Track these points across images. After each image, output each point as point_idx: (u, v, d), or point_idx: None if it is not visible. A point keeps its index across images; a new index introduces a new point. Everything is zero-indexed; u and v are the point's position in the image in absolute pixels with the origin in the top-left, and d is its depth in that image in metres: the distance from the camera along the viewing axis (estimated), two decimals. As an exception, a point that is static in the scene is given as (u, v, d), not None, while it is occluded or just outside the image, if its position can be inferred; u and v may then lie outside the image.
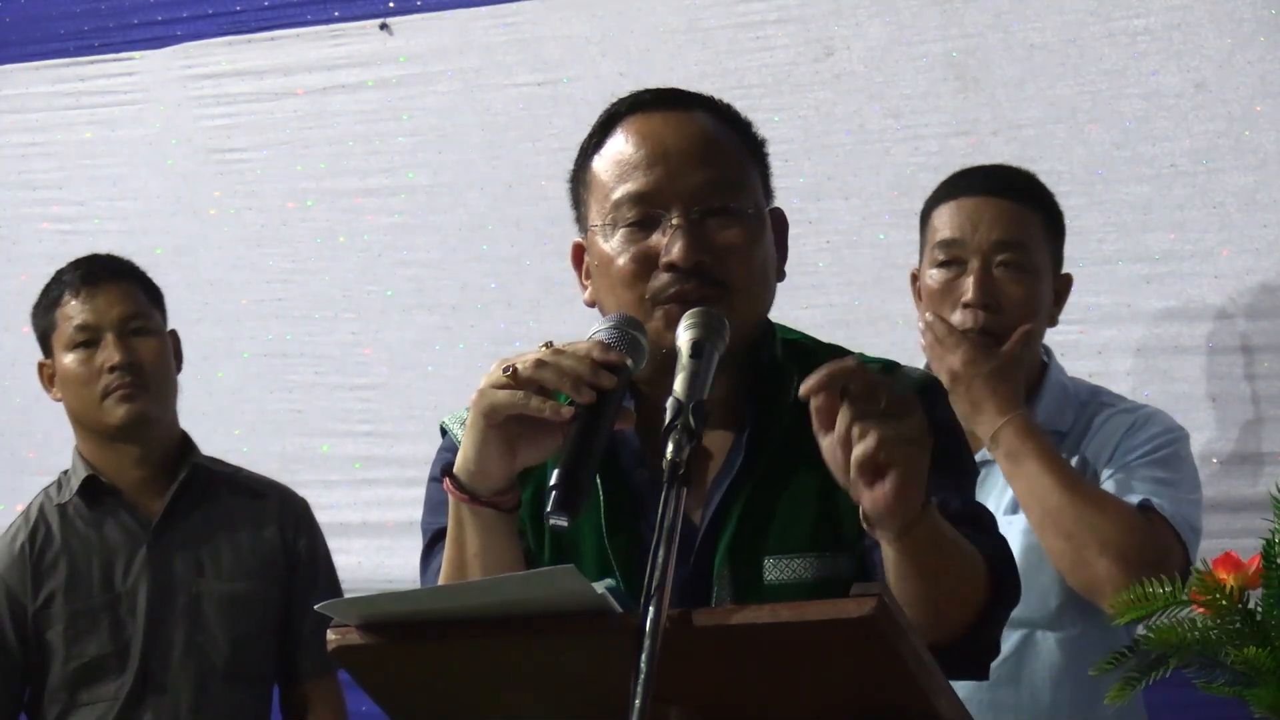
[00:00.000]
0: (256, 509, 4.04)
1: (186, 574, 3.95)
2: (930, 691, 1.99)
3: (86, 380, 3.96)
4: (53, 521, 3.99)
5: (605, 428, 2.17)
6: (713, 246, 2.39)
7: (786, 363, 2.45)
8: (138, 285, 4.05)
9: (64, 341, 4.00)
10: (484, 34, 4.71)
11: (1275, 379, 3.96)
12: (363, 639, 2.10)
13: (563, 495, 2.09)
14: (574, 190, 2.52)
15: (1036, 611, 3.41)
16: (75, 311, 4.00)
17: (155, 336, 4.01)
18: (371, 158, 4.82)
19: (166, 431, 4.02)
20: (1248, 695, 2.22)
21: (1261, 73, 3.97)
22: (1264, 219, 3.97)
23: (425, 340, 4.76)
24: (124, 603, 3.92)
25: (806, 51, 4.36)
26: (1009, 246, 3.51)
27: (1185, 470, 3.48)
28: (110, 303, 3.99)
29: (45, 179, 5.15)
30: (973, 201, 3.54)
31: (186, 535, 3.98)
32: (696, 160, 2.42)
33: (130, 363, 3.94)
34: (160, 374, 3.99)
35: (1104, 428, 3.50)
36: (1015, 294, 3.50)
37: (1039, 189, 3.61)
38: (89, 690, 3.91)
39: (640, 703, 1.88)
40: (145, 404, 3.95)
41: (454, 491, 2.27)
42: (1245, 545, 2.47)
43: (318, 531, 4.09)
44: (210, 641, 3.93)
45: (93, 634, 3.92)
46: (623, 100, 2.50)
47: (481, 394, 2.22)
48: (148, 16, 5.07)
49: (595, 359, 2.19)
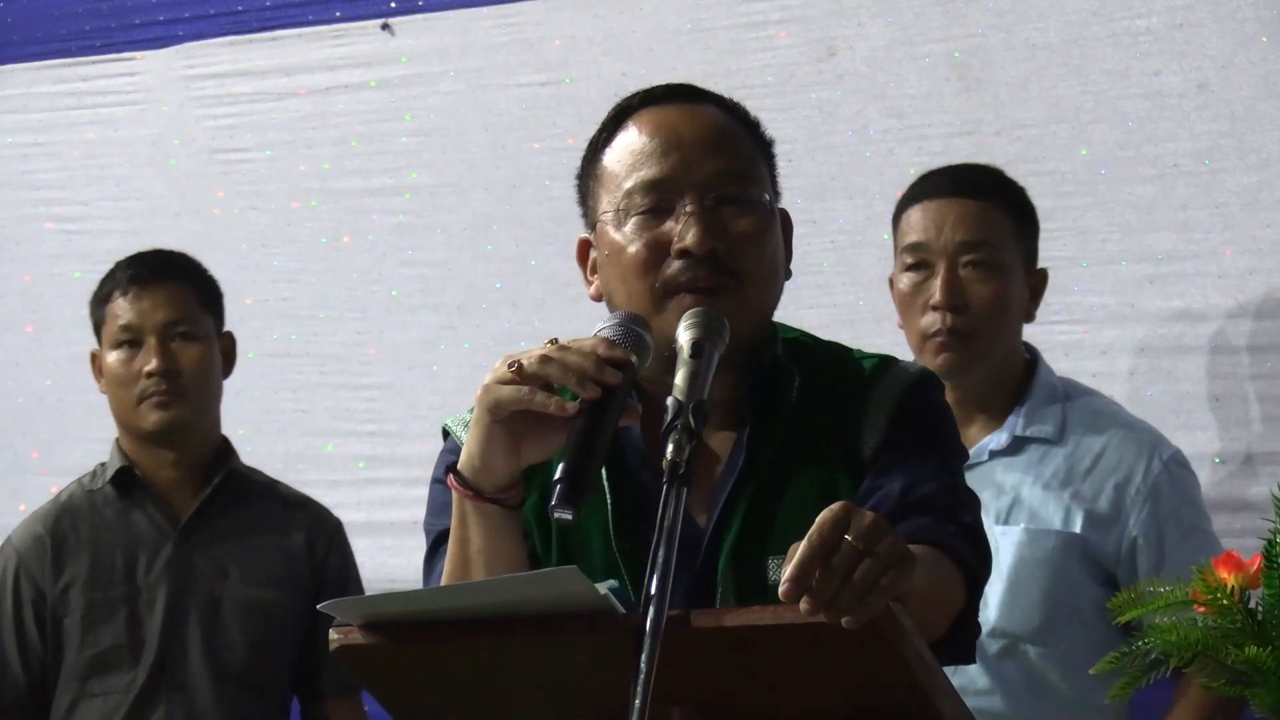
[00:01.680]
0: (287, 519, 4.04)
1: (210, 575, 3.95)
2: (933, 693, 1.99)
3: (125, 381, 3.96)
4: (81, 507, 3.99)
5: (610, 424, 2.17)
6: (727, 234, 2.38)
7: (788, 362, 2.45)
8: (190, 287, 4.04)
9: (109, 339, 4.00)
10: (486, 34, 4.71)
11: (1277, 379, 3.95)
12: (365, 639, 2.11)
13: (567, 489, 2.09)
14: (582, 185, 2.52)
15: (1021, 626, 3.42)
16: (121, 310, 3.99)
17: (199, 342, 4.00)
18: (375, 158, 4.82)
19: (204, 436, 4.02)
20: (1248, 695, 2.22)
21: (1264, 73, 3.97)
22: (1267, 219, 3.97)
23: (430, 340, 4.76)
24: (143, 596, 3.92)
25: (809, 52, 4.36)
26: (974, 246, 3.51)
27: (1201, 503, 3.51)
28: (156, 305, 3.98)
29: (48, 179, 5.15)
30: (937, 203, 3.55)
31: (214, 537, 3.97)
32: (710, 149, 2.41)
33: (168, 369, 3.93)
34: (200, 381, 3.98)
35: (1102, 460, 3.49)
36: (983, 293, 3.51)
37: (1005, 186, 3.61)
38: (100, 681, 3.90)
39: (641, 703, 1.88)
40: (180, 411, 3.95)
41: (458, 488, 2.27)
42: (1246, 545, 2.47)
43: (349, 552, 4.08)
44: (228, 645, 3.92)
45: (108, 624, 3.91)
46: (633, 95, 2.50)
47: (486, 389, 2.22)
48: (150, 16, 5.07)
49: (601, 355, 2.20)
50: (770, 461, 2.40)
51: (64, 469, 4.62)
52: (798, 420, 2.41)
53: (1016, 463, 3.50)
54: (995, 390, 3.56)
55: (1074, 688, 3.39)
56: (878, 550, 1.93)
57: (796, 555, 1.92)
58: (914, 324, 3.54)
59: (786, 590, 1.91)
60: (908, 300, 3.55)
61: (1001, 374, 3.55)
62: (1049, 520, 3.45)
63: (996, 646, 3.42)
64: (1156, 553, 3.43)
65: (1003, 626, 3.43)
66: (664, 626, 1.93)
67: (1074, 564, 3.44)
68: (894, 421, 2.39)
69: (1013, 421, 3.52)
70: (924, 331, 3.52)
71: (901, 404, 2.41)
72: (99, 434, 4.35)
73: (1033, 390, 3.55)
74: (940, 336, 3.49)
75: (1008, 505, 3.47)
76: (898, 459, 2.36)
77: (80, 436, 4.92)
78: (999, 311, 3.52)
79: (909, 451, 2.37)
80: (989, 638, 3.42)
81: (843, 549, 1.92)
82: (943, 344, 3.49)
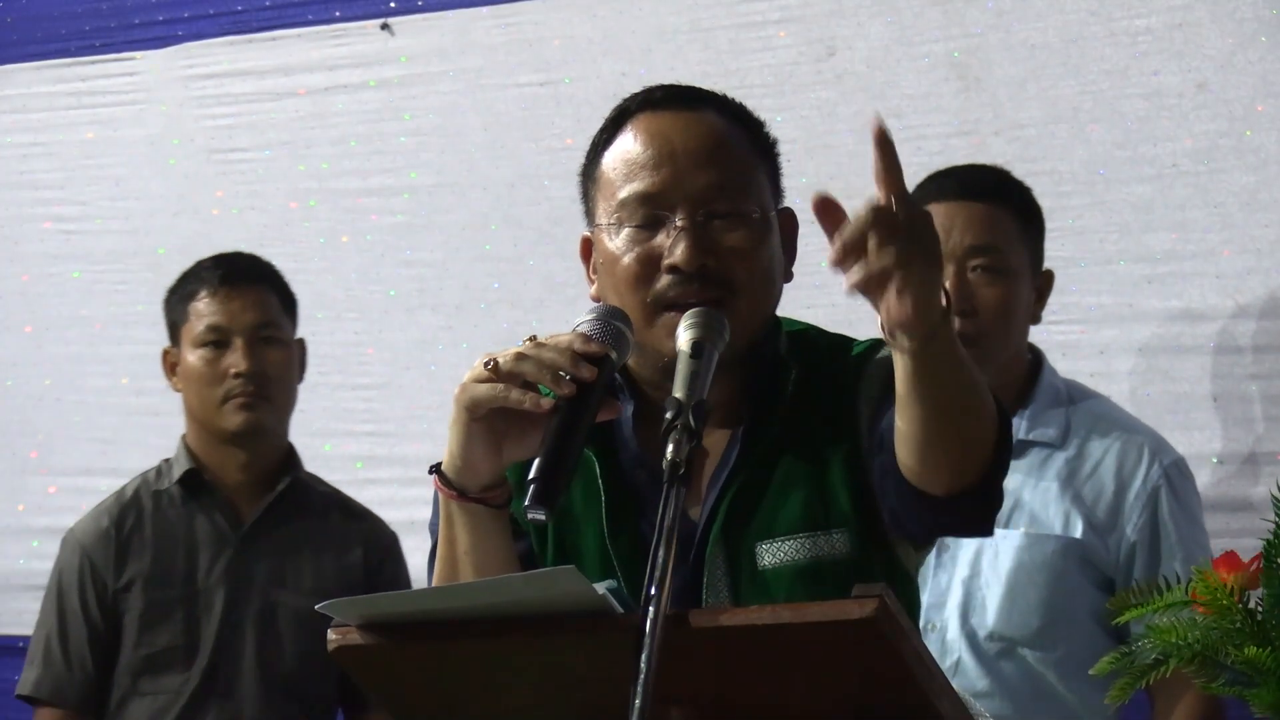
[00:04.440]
0: (346, 531, 4.04)
1: (267, 582, 3.96)
2: (931, 692, 1.99)
3: (210, 381, 3.97)
4: (146, 506, 4.00)
5: (587, 419, 2.18)
6: (717, 249, 2.39)
7: (788, 357, 2.46)
8: (274, 292, 4.06)
9: (193, 337, 4.00)
10: (485, 34, 4.71)
11: (1276, 379, 3.95)
12: (364, 639, 2.10)
13: (540, 489, 2.10)
14: (584, 184, 2.52)
15: (1019, 629, 3.42)
16: (209, 310, 3.99)
17: (284, 347, 4.02)
18: (373, 158, 4.82)
19: (277, 441, 4.04)
20: (1248, 695, 2.22)
21: (1263, 72, 3.97)
22: (1265, 219, 3.97)
23: (428, 340, 4.76)
24: (201, 599, 3.93)
25: (808, 52, 4.36)
26: (983, 251, 3.51)
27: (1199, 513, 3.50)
28: (245, 307, 4.00)
29: (47, 179, 5.15)
30: (944, 206, 3.52)
31: (274, 544, 3.98)
32: (703, 162, 2.42)
33: (256, 371, 3.95)
34: (283, 385, 4.01)
35: (1104, 463, 3.49)
36: (991, 297, 3.50)
37: (1012, 188, 3.60)
38: (152, 680, 3.91)
39: (640, 703, 1.88)
40: (264, 414, 3.97)
41: (442, 488, 2.28)
42: (1245, 545, 2.47)
43: (403, 565, 4.06)
44: (279, 654, 3.93)
45: (165, 624, 3.92)
46: (634, 96, 2.50)
47: (463, 388, 2.23)
48: (149, 16, 5.07)
49: (576, 350, 2.20)
50: (762, 452, 2.41)
51: (63, 469, 4.63)
52: (792, 413, 2.42)
53: (1019, 466, 3.49)
54: (999, 393, 3.56)
55: (1072, 692, 3.39)
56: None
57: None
58: None
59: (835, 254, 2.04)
60: None
61: (1006, 376, 3.55)
62: (1049, 524, 3.44)
63: (995, 650, 3.42)
64: (1152, 557, 3.43)
65: (1001, 630, 3.43)
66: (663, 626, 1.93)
67: (1073, 569, 3.44)
68: (887, 385, 2.39)
69: (1015, 424, 3.52)
70: None
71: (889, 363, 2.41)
72: (98, 434, 4.37)
73: (1036, 393, 3.55)
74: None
75: (1009, 509, 3.46)
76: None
77: (79, 436, 4.92)
78: (1007, 315, 3.51)
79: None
80: (987, 640, 3.42)
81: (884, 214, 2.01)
82: None
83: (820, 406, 2.42)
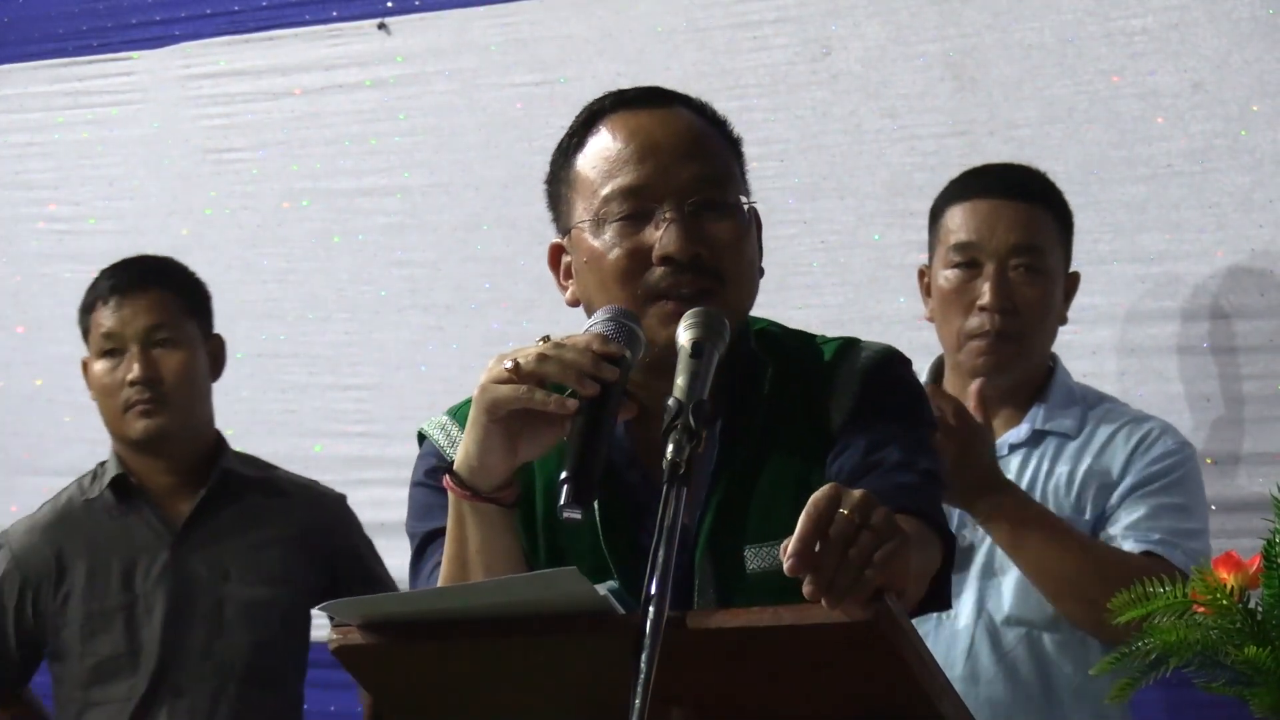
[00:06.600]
0: (283, 510, 4.03)
1: (210, 578, 3.95)
2: (932, 694, 2.00)
3: (110, 391, 3.97)
4: (80, 515, 3.99)
5: (611, 419, 2.18)
6: (707, 239, 2.39)
7: (761, 354, 2.47)
8: (171, 293, 4.03)
9: (94, 348, 4.01)
10: (481, 34, 4.70)
11: (1271, 379, 3.96)
12: (365, 639, 2.11)
13: (575, 488, 2.10)
14: (552, 190, 2.52)
15: (1036, 613, 3.43)
16: (103, 319, 3.99)
17: (181, 348, 3.99)
18: (368, 158, 4.81)
19: (192, 441, 4.02)
20: (1248, 695, 2.23)
21: (1259, 73, 3.97)
22: (1260, 219, 3.97)
23: (419, 341, 4.76)
24: (141, 604, 3.92)
25: (804, 51, 4.35)
26: (1025, 250, 3.54)
27: (1196, 493, 3.52)
28: (136, 313, 3.98)
29: (42, 179, 5.15)
30: (989, 204, 3.56)
31: (210, 539, 3.97)
32: (686, 154, 2.42)
33: (150, 377, 3.93)
34: (183, 387, 3.97)
35: (1113, 440, 3.52)
36: (1030, 296, 3.54)
37: (1052, 190, 3.64)
38: (102, 690, 3.91)
39: (641, 703, 1.88)
40: (163, 419, 3.95)
41: (455, 488, 2.27)
42: (1245, 545, 2.47)
43: (355, 524, 4.08)
44: (230, 646, 3.92)
45: (106, 633, 3.92)
46: (603, 98, 2.51)
47: (484, 389, 2.22)
48: (146, 16, 5.07)
49: (596, 351, 2.20)
50: (745, 453, 2.41)
51: (55, 469, 4.61)
52: (771, 411, 2.43)
53: (1033, 454, 3.53)
54: (1020, 388, 3.59)
55: (1085, 676, 3.40)
56: (872, 522, 1.96)
57: (795, 532, 1.94)
58: (954, 322, 3.55)
59: (792, 566, 1.92)
60: (950, 298, 3.56)
61: (1031, 373, 3.59)
62: (1063, 509, 3.46)
63: (1012, 635, 3.44)
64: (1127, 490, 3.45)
65: (1018, 615, 3.45)
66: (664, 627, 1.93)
67: None
68: (860, 399, 2.42)
69: (1034, 414, 3.56)
70: (969, 331, 3.53)
71: (867, 380, 2.44)
72: (91, 434, 4.35)
73: (1051, 389, 3.58)
74: (988, 338, 3.51)
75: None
76: (863, 425, 2.39)
77: (72, 436, 4.92)
78: (1044, 314, 3.56)
79: (874, 419, 2.40)
80: (1004, 625, 3.44)
81: (837, 520, 1.94)
82: (989, 345, 3.51)
83: (797, 404, 2.44)
